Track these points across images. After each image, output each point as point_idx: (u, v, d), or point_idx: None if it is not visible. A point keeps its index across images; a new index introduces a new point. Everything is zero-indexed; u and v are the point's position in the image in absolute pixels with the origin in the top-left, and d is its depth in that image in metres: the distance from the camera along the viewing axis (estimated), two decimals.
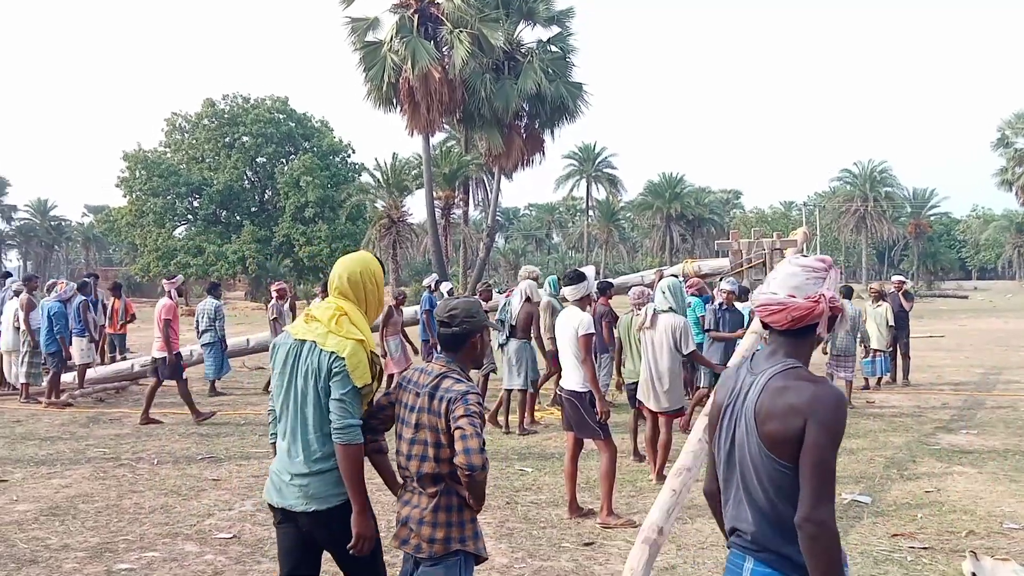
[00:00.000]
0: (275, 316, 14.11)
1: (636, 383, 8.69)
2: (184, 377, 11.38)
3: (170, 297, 11.42)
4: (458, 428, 3.19)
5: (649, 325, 7.98)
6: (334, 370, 3.38)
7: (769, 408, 2.41)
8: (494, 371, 11.93)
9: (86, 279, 14.46)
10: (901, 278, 15.53)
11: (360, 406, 3.41)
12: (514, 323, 10.79)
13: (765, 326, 2.58)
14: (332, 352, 3.39)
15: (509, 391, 10.77)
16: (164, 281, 12.13)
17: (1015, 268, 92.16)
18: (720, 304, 11.20)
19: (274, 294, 14.44)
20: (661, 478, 7.29)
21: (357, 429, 3.37)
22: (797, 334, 2.52)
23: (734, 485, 2.54)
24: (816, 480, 2.37)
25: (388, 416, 3.51)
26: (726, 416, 2.56)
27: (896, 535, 6.26)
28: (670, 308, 8.04)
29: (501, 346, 10.96)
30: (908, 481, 7.91)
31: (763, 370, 2.50)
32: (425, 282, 15.95)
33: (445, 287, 16.30)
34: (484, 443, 3.20)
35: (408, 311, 15.08)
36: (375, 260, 3.69)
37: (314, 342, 3.45)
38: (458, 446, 3.16)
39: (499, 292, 16.92)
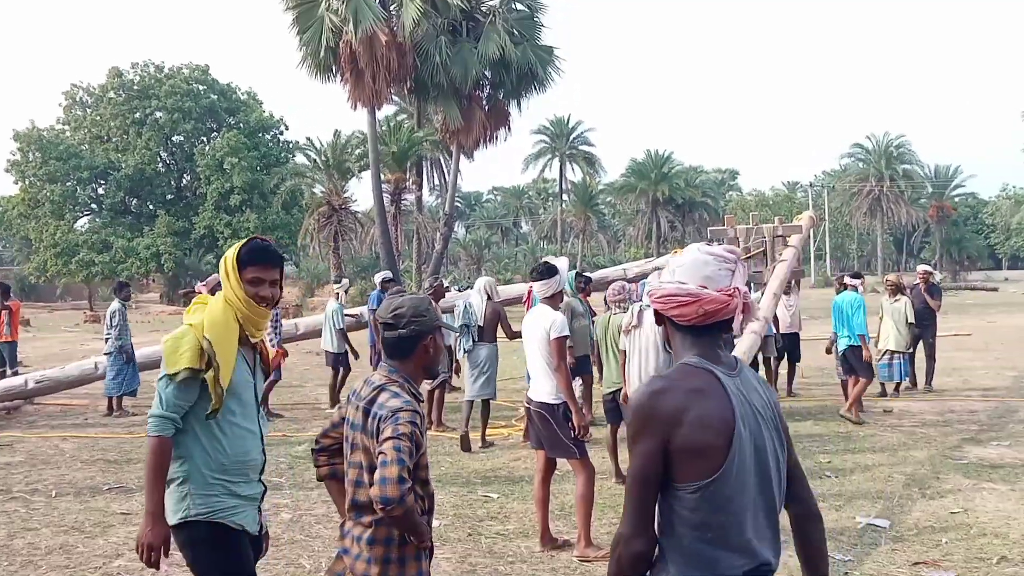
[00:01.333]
0: None
1: (614, 392, 8.75)
2: None
3: None
4: (380, 453, 3.17)
5: (636, 323, 8.04)
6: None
7: (776, 400, 2.56)
8: (449, 379, 12.05)
9: None
10: (927, 268, 15.57)
11: (175, 397, 3.52)
12: (481, 324, 10.95)
13: (660, 321, 2.60)
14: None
15: (471, 402, 10.83)
16: (199, 285, 12.16)
17: None
18: None
19: None
20: None
21: (161, 421, 3.52)
22: (705, 331, 2.54)
23: (754, 509, 2.46)
24: None
25: (342, 433, 3.50)
26: (744, 432, 2.44)
27: (918, 563, 6.31)
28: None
29: (467, 352, 11.09)
30: (931, 501, 7.99)
31: (740, 370, 2.53)
32: (377, 278, 15.95)
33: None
34: (408, 472, 3.15)
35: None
36: (236, 247, 3.77)
37: None
38: (376, 474, 3.15)
39: (459, 289, 16.93)
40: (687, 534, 2.42)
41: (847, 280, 12.72)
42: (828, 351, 12.98)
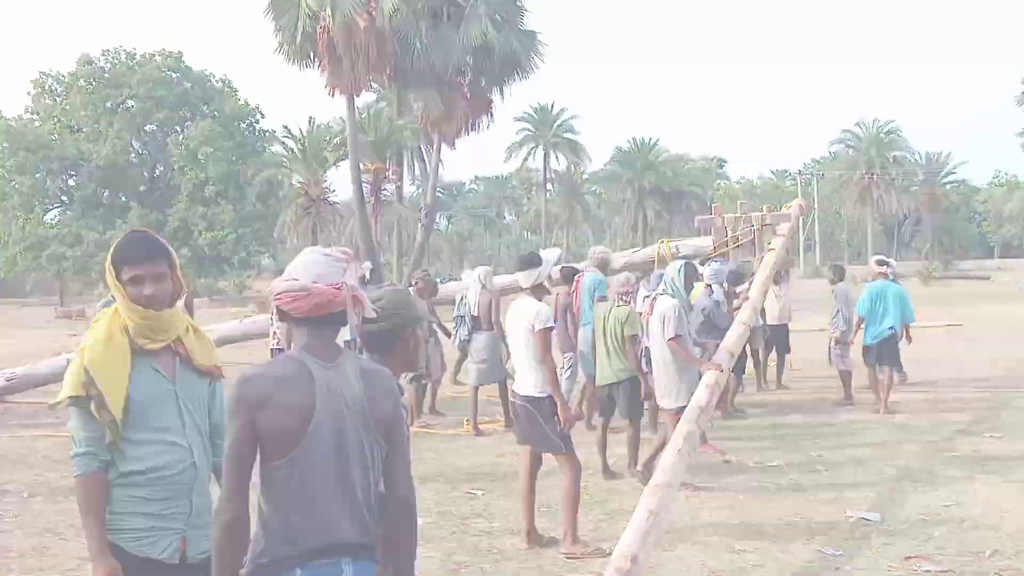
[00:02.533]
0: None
1: (609, 386, 8.89)
2: None
3: None
4: None
5: (649, 312, 8.35)
6: None
7: (376, 394, 2.90)
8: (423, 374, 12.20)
9: None
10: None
11: (83, 430, 3.29)
12: (476, 314, 11.17)
13: (284, 318, 2.92)
14: None
15: (476, 389, 11.29)
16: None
17: None
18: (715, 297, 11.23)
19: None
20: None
21: (79, 459, 3.30)
22: (322, 323, 2.89)
23: (331, 492, 2.81)
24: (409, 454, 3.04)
25: None
26: (324, 420, 2.79)
27: (910, 557, 6.35)
28: (662, 292, 8.47)
29: (464, 341, 11.35)
30: (923, 494, 8.04)
31: (339, 359, 2.89)
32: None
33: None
34: None
35: None
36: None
37: None
38: None
39: (440, 281, 16.87)
40: (269, 507, 2.80)
41: (877, 268, 12.85)
42: (851, 341, 12.96)
